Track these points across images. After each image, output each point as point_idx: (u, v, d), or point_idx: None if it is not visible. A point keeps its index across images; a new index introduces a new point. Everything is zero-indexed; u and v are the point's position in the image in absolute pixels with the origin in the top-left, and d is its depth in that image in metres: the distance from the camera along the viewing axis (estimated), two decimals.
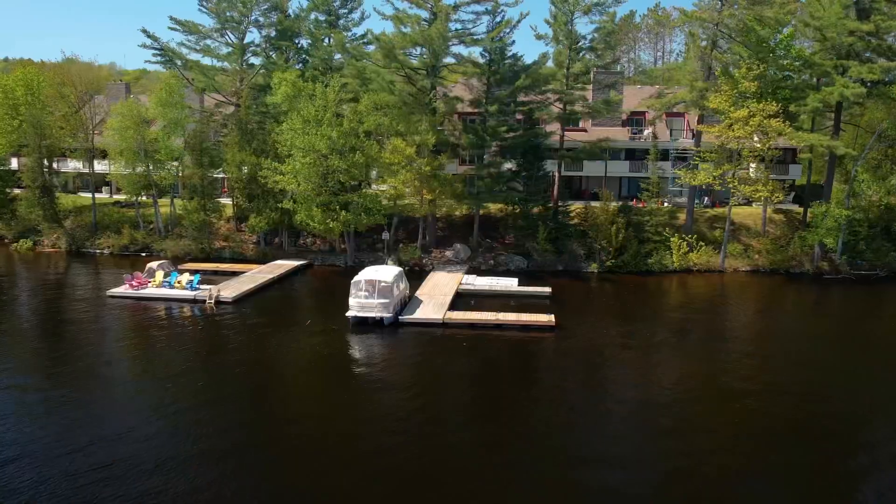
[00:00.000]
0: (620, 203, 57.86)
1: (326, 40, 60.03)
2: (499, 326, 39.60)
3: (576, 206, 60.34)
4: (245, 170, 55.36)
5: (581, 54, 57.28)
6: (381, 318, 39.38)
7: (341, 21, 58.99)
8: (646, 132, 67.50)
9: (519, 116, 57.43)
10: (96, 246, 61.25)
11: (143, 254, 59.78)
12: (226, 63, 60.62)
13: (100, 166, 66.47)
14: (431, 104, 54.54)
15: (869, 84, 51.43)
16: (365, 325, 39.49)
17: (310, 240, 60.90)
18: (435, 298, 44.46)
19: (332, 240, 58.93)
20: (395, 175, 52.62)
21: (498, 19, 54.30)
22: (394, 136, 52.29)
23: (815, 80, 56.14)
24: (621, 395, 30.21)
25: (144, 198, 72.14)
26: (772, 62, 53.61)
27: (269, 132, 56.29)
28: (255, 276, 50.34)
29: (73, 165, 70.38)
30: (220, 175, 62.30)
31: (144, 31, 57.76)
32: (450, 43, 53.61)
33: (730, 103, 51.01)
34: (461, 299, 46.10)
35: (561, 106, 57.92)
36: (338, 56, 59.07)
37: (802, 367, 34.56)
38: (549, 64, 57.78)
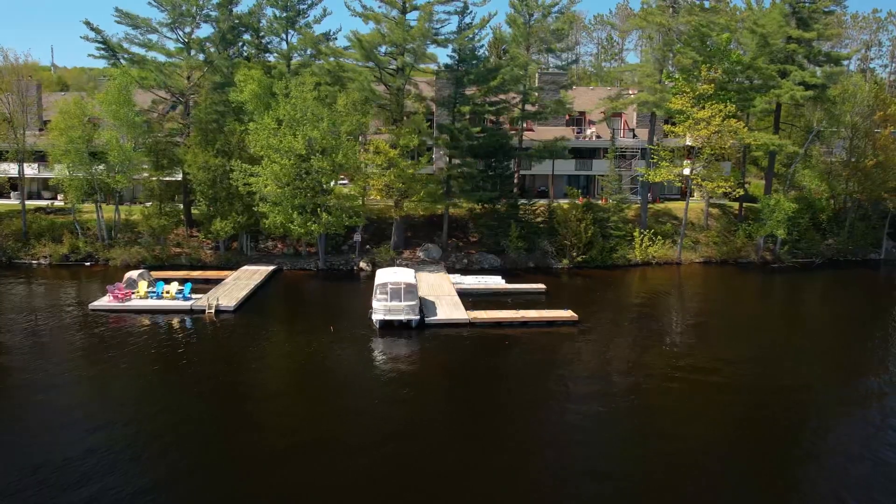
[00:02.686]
0: (585, 200, 59.67)
1: (286, 37, 57.90)
2: (524, 324, 40.18)
3: (540, 203, 61.69)
4: (208, 172, 52.33)
5: (537, 54, 58.85)
6: (410, 321, 38.85)
7: (301, 18, 56.96)
8: (588, 131, 70.07)
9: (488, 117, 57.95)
10: (31, 256, 55.99)
11: (87, 263, 55.33)
12: (175, 59, 57.19)
13: (30, 170, 60.83)
14: (402, 105, 54.15)
15: (809, 87, 55.90)
16: (391, 328, 38.83)
17: (270, 243, 58.68)
18: (443, 298, 44.26)
19: (297, 243, 57.13)
20: (376, 176, 51.91)
21: (467, 20, 54.64)
22: (373, 138, 51.49)
23: (750, 82, 60.37)
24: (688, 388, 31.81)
25: (61, 202, 67.33)
26: (717, 64, 57.17)
27: (232, 132, 53.72)
28: (239, 282, 47.98)
29: None
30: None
31: (87, 24, 53.24)
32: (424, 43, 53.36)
33: (691, 104, 54.04)
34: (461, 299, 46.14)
35: (523, 106, 59.07)
36: (297, 56, 57.13)
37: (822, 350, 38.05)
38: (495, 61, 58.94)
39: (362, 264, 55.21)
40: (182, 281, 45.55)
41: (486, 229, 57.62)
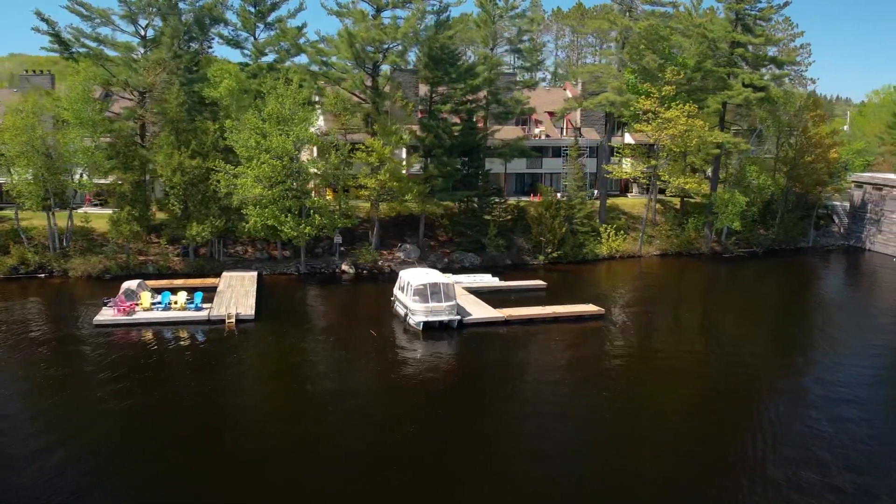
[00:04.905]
0: (556, 199, 61.05)
1: (255, 32, 55.35)
2: (556, 319, 41.00)
3: (510, 202, 62.59)
4: (184, 174, 49.22)
5: (502, 54, 59.94)
6: (452, 322, 38.60)
7: (274, 12, 54.62)
8: (537, 130, 71.77)
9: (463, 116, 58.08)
10: None
11: (41, 275, 50.46)
12: (130, 54, 53.36)
13: None
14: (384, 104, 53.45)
15: (757, 89, 60.12)
16: (432, 330, 38.42)
17: (240, 248, 56.04)
18: (460, 299, 44.03)
19: (269, 247, 55.04)
20: (363, 176, 50.95)
21: (444, 17, 54.62)
22: (368, 138, 50.52)
23: (688, 84, 63.99)
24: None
25: None
26: (669, 67, 60.41)
27: (205, 131, 50.83)
28: (236, 289, 45.39)
29: None
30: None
31: (39, 14, 48.47)
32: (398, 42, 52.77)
33: (658, 104, 56.83)
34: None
35: (487, 105, 59.72)
36: (270, 51, 54.83)
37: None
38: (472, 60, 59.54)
39: (344, 267, 53.96)
40: (191, 290, 42.79)
41: (465, 228, 57.81)
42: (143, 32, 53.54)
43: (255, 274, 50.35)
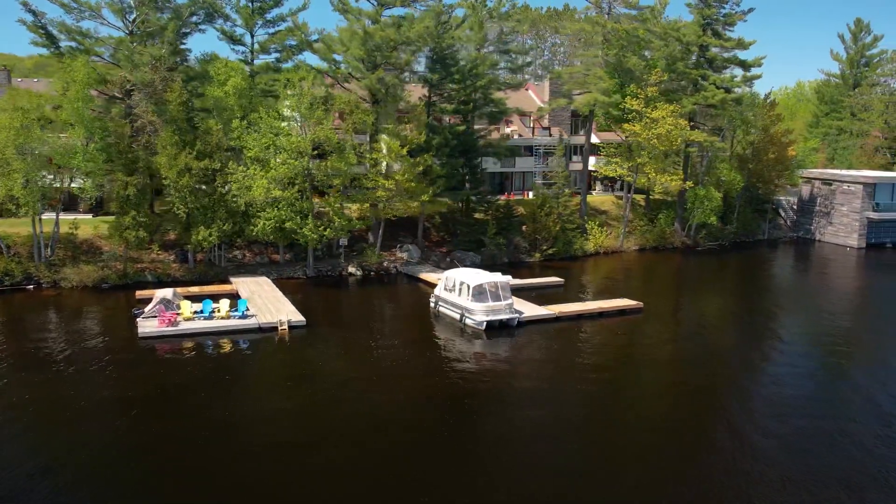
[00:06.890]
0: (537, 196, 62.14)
1: (253, 29, 53.22)
2: (601, 314, 42.03)
3: (501, 201, 63.17)
4: (191, 176, 46.85)
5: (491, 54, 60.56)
6: (512, 320, 38.80)
7: (275, 8, 52.67)
8: (509, 130, 72.63)
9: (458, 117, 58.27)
10: None
11: (29, 286, 46.69)
12: (120, 48, 50.13)
13: None
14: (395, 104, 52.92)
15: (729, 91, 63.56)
16: (492, 329, 38.46)
17: (237, 252, 53.85)
18: None
19: (268, 250, 53.37)
20: (374, 176, 50.23)
21: (444, 19, 54.53)
22: (382, 136, 49.77)
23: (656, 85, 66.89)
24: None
25: None
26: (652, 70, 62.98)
27: (208, 131, 48.59)
28: (262, 296, 43.72)
29: None
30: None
31: (25, 5, 44.55)
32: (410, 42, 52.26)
33: (643, 105, 59.01)
34: None
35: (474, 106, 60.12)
36: (271, 55, 52.94)
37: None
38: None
39: (351, 269, 52.95)
40: (229, 298, 40.90)
41: (463, 227, 57.97)
42: (131, 27, 50.39)
43: (267, 279, 48.63)
